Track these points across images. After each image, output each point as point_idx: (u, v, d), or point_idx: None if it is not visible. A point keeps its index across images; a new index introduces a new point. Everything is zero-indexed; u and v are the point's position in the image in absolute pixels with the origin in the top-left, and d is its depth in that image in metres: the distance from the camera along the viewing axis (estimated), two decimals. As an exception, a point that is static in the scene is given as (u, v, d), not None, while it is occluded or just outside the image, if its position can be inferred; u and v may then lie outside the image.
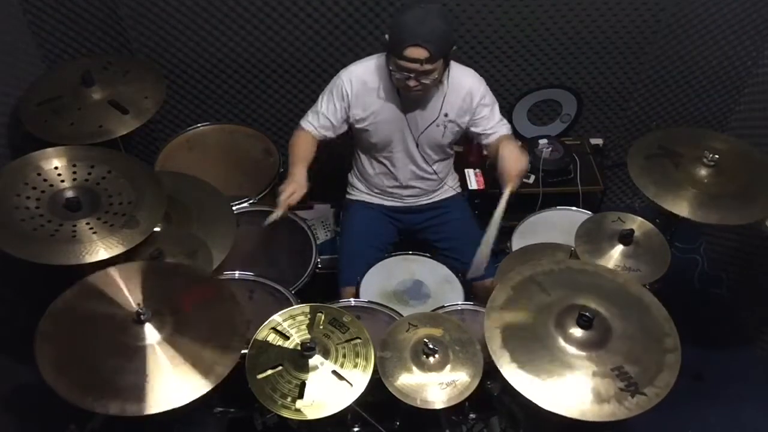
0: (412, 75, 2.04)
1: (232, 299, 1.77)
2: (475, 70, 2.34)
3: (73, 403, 1.50)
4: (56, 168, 1.91)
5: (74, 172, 1.92)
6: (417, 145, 2.32)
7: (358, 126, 2.28)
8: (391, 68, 2.07)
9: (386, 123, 2.26)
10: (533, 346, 1.63)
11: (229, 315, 1.72)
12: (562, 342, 1.64)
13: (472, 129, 2.31)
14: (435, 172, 2.43)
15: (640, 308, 1.74)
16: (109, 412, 1.49)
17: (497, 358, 1.60)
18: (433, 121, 2.26)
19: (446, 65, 2.10)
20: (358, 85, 2.20)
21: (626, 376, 1.58)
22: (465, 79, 2.24)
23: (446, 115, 2.25)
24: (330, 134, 2.29)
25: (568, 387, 1.56)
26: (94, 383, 1.54)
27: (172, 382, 1.55)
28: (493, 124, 2.30)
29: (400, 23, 2.00)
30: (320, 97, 2.29)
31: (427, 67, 2.01)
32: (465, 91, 2.24)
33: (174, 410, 1.52)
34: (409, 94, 2.13)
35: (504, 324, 1.67)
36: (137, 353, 1.59)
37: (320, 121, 2.27)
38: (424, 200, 2.50)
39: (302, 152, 2.25)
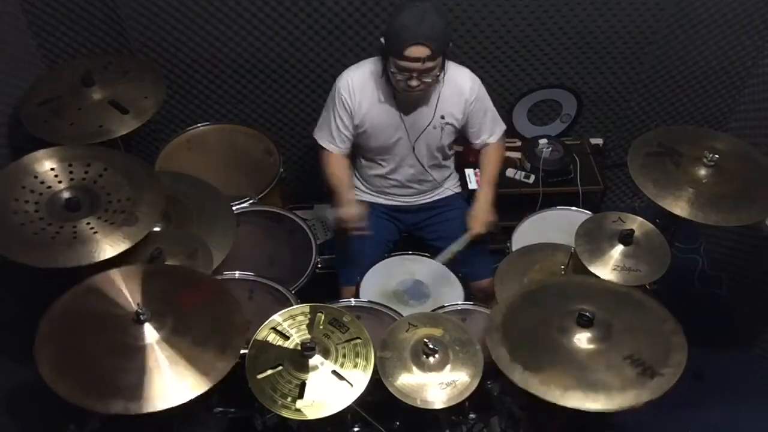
0: (414, 74, 2.04)
1: (232, 301, 1.77)
2: (475, 70, 2.34)
3: (74, 403, 1.50)
4: (52, 169, 1.90)
5: (70, 172, 1.91)
6: (415, 148, 2.32)
7: (357, 131, 2.29)
8: (392, 70, 2.07)
9: (384, 128, 2.26)
10: (543, 356, 1.64)
11: (228, 316, 1.72)
12: (568, 345, 1.65)
13: (466, 128, 2.34)
14: (434, 174, 2.44)
15: (633, 304, 1.76)
16: (110, 411, 1.49)
17: (512, 375, 1.61)
18: (430, 124, 2.26)
19: (444, 62, 2.11)
20: (356, 93, 2.21)
21: (640, 362, 1.59)
22: (460, 78, 2.25)
23: (443, 117, 2.26)
24: (350, 145, 2.32)
25: (589, 385, 1.57)
26: (94, 382, 1.54)
27: (171, 381, 1.55)
28: (484, 125, 2.35)
29: (398, 24, 2.00)
30: (326, 112, 2.29)
31: (429, 64, 2.02)
32: (460, 91, 2.25)
33: (174, 409, 1.52)
34: (411, 93, 2.13)
35: (508, 343, 1.68)
36: (137, 352, 1.59)
37: (341, 137, 2.28)
38: (423, 199, 2.50)
39: (345, 177, 2.32)
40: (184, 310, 1.70)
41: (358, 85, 2.20)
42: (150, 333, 1.62)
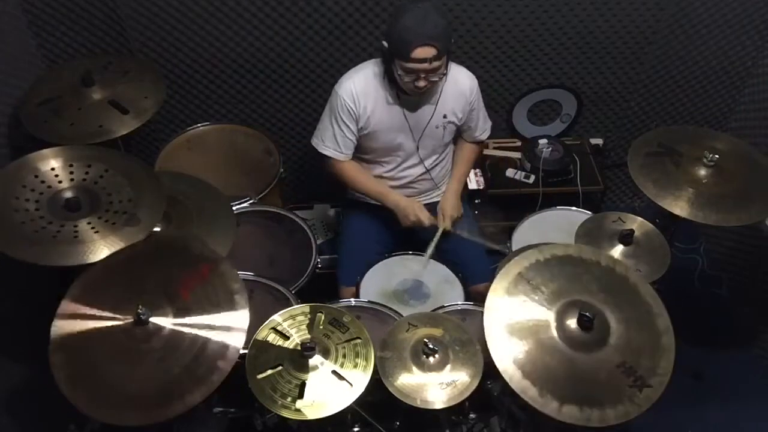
0: (421, 75, 2.05)
1: (226, 268, 1.77)
2: (475, 70, 2.35)
3: (97, 419, 1.52)
4: (53, 169, 1.89)
5: (71, 173, 1.91)
6: (418, 148, 2.32)
7: (361, 134, 2.29)
8: (399, 73, 2.07)
9: (388, 130, 2.26)
10: (543, 359, 1.63)
11: (226, 287, 1.73)
12: (569, 350, 1.64)
13: (464, 125, 2.37)
14: (434, 174, 2.44)
15: (628, 289, 1.75)
16: (132, 423, 1.51)
17: (516, 385, 1.60)
18: (434, 122, 2.26)
19: (448, 60, 2.11)
20: (360, 98, 2.20)
21: (632, 371, 1.59)
22: (460, 78, 2.26)
23: (445, 116, 2.26)
24: (353, 149, 2.33)
25: (586, 394, 1.57)
26: (112, 395, 1.55)
27: (196, 377, 1.57)
28: (479, 123, 2.40)
29: (401, 27, 2.00)
30: (327, 120, 2.27)
31: (435, 64, 2.03)
32: (461, 90, 2.26)
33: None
34: (419, 92, 2.14)
35: (509, 343, 1.66)
36: (149, 355, 1.60)
37: (346, 144, 2.28)
38: (423, 200, 2.50)
39: (373, 180, 2.38)
40: (183, 298, 1.69)
41: (362, 90, 2.20)
42: (158, 328, 1.63)
